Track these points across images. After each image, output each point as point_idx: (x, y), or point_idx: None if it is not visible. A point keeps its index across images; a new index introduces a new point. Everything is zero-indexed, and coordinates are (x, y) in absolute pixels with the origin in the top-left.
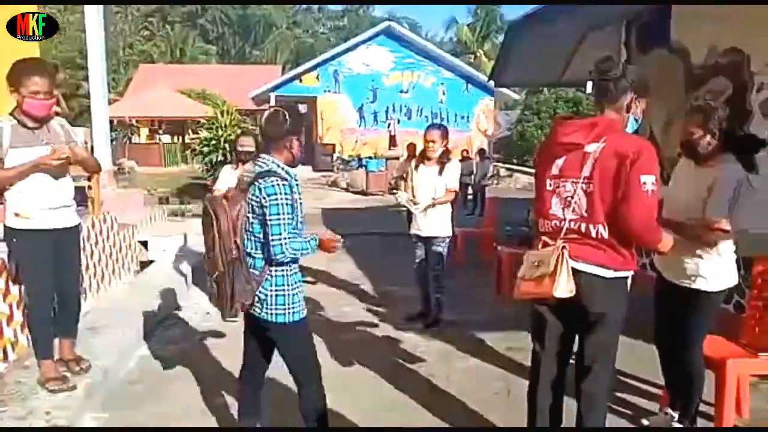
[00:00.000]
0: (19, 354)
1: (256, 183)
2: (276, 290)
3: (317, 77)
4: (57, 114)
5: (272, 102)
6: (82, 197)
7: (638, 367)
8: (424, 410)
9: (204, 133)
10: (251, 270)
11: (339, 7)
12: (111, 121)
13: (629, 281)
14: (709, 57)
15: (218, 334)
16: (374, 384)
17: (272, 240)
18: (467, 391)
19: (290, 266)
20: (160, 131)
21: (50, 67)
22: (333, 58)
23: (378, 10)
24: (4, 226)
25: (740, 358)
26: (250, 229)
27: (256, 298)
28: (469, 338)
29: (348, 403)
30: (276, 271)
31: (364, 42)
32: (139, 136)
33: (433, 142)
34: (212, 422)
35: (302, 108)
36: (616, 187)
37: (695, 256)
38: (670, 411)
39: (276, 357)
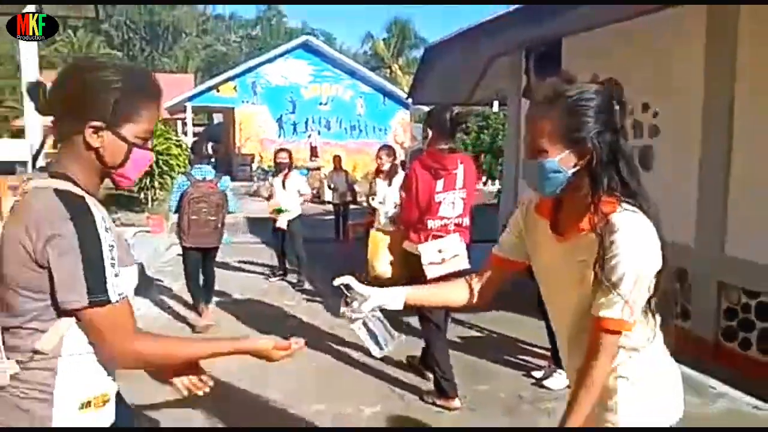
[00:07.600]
0: None
1: None
2: None
3: (234, 88)
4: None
5: (188, 112)
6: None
7: (530, 335)
8: None
9: None
10: None
11: (252, 15)
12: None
13: None
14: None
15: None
16: None
17: None
18: None
19: None
20: None
21: None
22: (251, 69)
23: (292, 21)
24: None
25: None
26: None
27: None
28: None
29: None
30: None
31: (282, 55)
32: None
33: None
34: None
35: (217, 118)
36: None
37: None
38: (554, 366)
39: None
